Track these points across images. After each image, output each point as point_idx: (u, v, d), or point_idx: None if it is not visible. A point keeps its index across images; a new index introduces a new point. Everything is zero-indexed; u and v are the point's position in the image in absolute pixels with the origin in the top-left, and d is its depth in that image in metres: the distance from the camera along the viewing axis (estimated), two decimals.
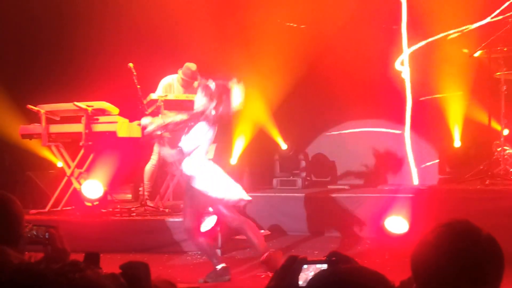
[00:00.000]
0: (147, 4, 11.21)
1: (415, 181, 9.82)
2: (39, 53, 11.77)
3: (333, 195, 10.00)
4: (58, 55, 11.66)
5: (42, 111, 9.53)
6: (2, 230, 2.67)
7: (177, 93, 9.62)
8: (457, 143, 10.43)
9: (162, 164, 9.48)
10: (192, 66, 9.67)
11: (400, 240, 7.99)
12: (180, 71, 9.71)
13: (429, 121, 10.52)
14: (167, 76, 9.74)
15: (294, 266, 2.02)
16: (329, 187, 10.97)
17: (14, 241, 2.62)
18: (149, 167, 9.85)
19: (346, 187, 10.73)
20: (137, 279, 1.88)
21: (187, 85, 9.74)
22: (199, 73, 9.66)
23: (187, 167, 6.90)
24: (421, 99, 10.22)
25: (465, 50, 9.52)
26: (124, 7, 11.46)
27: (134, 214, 9.21)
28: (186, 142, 6.82)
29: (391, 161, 10.79)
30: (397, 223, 8.46)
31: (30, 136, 9.95)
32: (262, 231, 9.83)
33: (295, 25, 10.87)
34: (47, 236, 2.83)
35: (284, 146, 11.52)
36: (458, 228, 2.07)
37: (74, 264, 1.47)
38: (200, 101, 6.84)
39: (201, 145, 6.84)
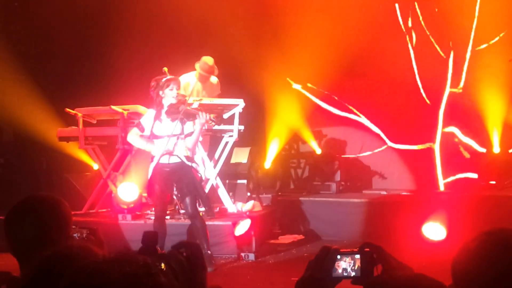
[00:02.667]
0: (180, 8, 11.23)
1: (447, 188, 9.72)
2: (77, 57, 11.88)
3: (368, 200, 9.93)
4: (95, 59, 11.76)
5: (80, 114, 9.62)
6: (52, 231, 2.70)
7: (195, 90, 9.55)
8: (496, 148, 10.29)
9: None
10: (209, 60, 9.64)
11: (438, 246, 7.91)
12: (197, 66, 9.65)
13: (469, 126, 10.38)
14: (183, 75, 9.63)
15: (328, 256, 2.02)
16: (364, 192, 10.89)
17: (63, 242, 2.64)
18: None
19: (382, 192, 10.64)
20: (194, 256, 1.93)
21: (205, 80, 9.71)
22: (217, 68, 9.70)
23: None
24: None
25: None
26: (158, 11, 11.51)
27: (168, 217, 9.21)
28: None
29: (428, 167, 10.67)
30: (435, 230, 8.38)
31: (67, 139, 10.05)
32: (296, 235, 9.81)
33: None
34: (85, 238, 2.86)
35: (318, 150, 11.46)
36: (500, 236, 2.03)
37: (147, 267, 1.47)
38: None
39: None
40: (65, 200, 2.86)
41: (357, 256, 2.04)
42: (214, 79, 9.84)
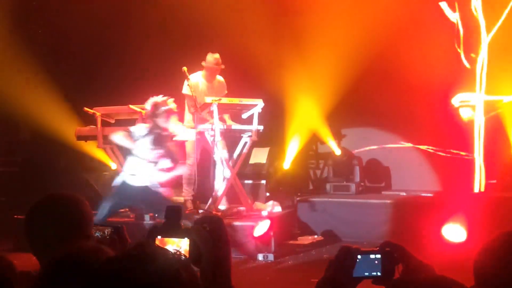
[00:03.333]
0: (199, 7, 11.21)
1: (476, 188, 9.60)
2: (95, 56, 11.91)
3: (388, 201, 9.85)
4: (114, 58, 11.77)
5: (98, 113, 9.63)
6: (72, 230, 2.68)
7: (203, 90, 9.52)
8: None
9: (215, 168, 9.45)
10: (215, 54, 9.63)
11: (458, 248, 7.83)
12: (203, 63, 9.65)
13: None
14: (191, 75, 9.59)
15: (348, 256, 2.00)
16: (383, 193, 10.81)
17: (83, 241, 2.61)
18: (186, 171, 9.71)
19: (401, 193, 10.55)
20: (217, 230, 1.96)
21: (211, 77, 9.67)
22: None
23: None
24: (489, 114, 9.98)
25: None
26: (177, 10, 11.51)
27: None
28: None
29: (450, 167, 10.57)
30: (455, 231, 8.30)
31: (85, 138, 10.08)
32: (315, 236, 9.76)
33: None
34: (108, 237, 2.84)
35: (337, 151, 11.39)
36: None
37: (183, 263, 1.47)
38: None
39: None
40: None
41: (378, 255, 2.01)
42: (220, 78, 9.80)
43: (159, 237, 1.93)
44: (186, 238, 1.88)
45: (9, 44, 11.12)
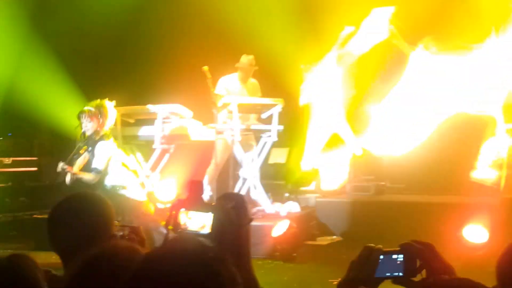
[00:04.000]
0: (220, 6, 11.21)
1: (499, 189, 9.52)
2: (114, 56, 11.93)
3: (408, 201, 9.78)
4: (134, 58, 11.80)
5: (118, 113, 9.62)
6: (96, 229, 2.67)
7: (236, 91, 9.53)
8: None
9: (235, 167, 9.45)
10: (249, 56, 9.68)
11: (479, 249, 7.76)
12: (237, 65, 9.67)
13: None
14: (224, 77, 9.64)
15: (371, 256, 2.00)
16: (404, 193, 10.73)
17: (106, 240, 2.61)
18: (210, 170, 9.77)
19: (423, 193, 10.46)
20: (239, 207, 2.02)
21: (245, 79, 9.68)
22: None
23: None
24: None
25: None
26: (198, 9, 11.51)
27: None
28: None
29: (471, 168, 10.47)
30: (476, 232, 8.21)
31: None
32: (334, 236, 9.71)
33: None
34: (127, 236, 2.84)
35: (358, 150, 11.32)
36: None
37: (220, 259, 1.43)
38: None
39: None
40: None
41: (400, 256, 2.00)
42: (253, 80, 9.82)
43: (183, 209, 1.92)
44: (210, 213, 1.88)
45: (29, 44, 11.18)
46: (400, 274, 2.00)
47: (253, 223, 7.15)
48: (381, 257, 2.00)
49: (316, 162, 11.12)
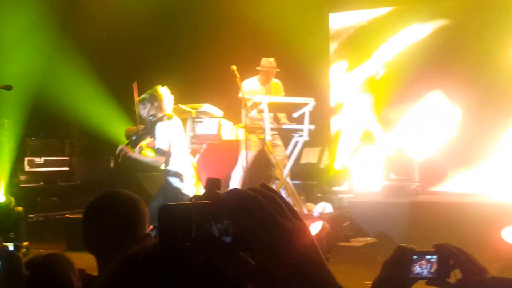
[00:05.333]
0: (250, 7, 11.16)
1: None
2: (144, 56, 11.94)
3: (444, 201, 9.62)
4: (164, 57, 11.78)
5: None
6: (132, 229, 2.63)
7: (257, 93, 9.48)
8: None
9: (266, 168, 9.38)
10: (269, 59, 9.67)
11: None
12: (258, 68, 9.64)
13: None
14: (245, 81, 9.60)
15: (405, 257, 1.97)
16: (440, 193, 10.57)
17: (141, 240, 2.59)
18: (236, 171, 9.73)
19: (459, 194, 10.30)
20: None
21: (266, 81, 9.62)
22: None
23: None
24: None
25: None
26: (228, 10, 11.48)
27: None
28: None
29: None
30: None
31: None
32: (368, 238, 9.58)
33: None
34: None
35: (392, 150, 11.19)
36: None
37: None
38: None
39: None
40: None
41: (434, 256, 1.98)
42: (276, 81, 9.76)
43: None
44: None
45: (60, 44, 11.21)
46: (434, 275, 1.98)
47: None
48: (415, 257, 1.97)
49: (349, 162, 11.02)
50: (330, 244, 8.59)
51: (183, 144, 7.72)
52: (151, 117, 7.58)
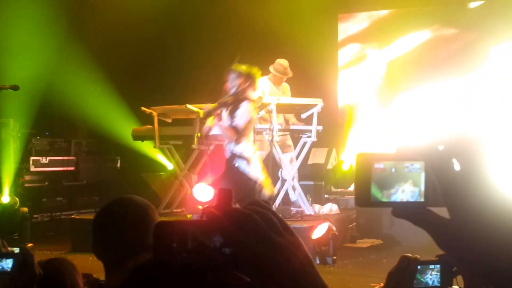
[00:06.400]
0: (258, 8, 11.14)
1: None
2: (153, 55, 11.92)
3: None
4: (172, 58, 11.77)
5: (155, 113, 9.57)
6: (143, 236, 2.56)
7: (269, 93, 9.45)
8: None
9: (274, 168, 9.33)
10: (284, 62, 9.59)
11: None
12: (271, 68, 9.58)
13: None
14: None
15: (408, 267, 2.00)
16: None
17: (151, 249, 2.51)
18: None
19: None
20: None
21: (279, 82, 9.60)
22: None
23: None
24: None
25: None
26: (236, 11, 11.46)
27: None
28: None
29: None
30: None
31: (142, 138, 10.05)
32: (375, 239, 9.54)
33: None
34: None
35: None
36: None
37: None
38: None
39: None
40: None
41: (437, 266, 2.03)
42: (284, 83, 9.74)
43: None
44: None
45: (67, 44, 11.19)
46: (437, 284, 2.03)
47: (292, 225, 7.05)
48: (419, 267, 2.01)
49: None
50: (336, 246, 8.53)
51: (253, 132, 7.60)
52: (238, 93, 7.41)
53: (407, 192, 0.99)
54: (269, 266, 1.00)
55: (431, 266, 2.04)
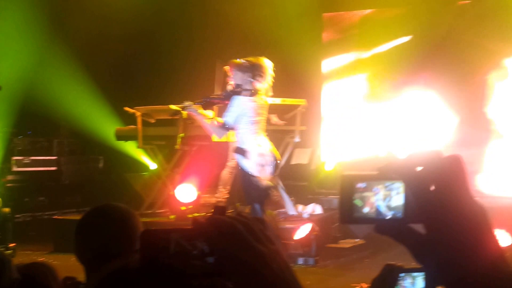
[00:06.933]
0: (242, 8, 11.15)
1: None
2: (136, 55, 11.88)
3: None
4: (155, 58, 11.75)
5: (138, 113, 9.54)
6: (121, 243, 2.62)
7: None
8: None
9: None
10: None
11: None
12: None
13: None
14: None
15: (392, 275, 1.97)
16: None
17: (131, 255, 2.57)
18: (225, 173, 9.62)
19: None
20: None
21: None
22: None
23: None
24: None
25: None
26: (220, 11, 11.47)
27: None
28: None
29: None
30: (500, 237, 8.07)
31: (125, 138, 10.01)
32: (357, 239, 9.56)
33: None
34: None
35: (382, 152, 11.20)
36: None
37: None
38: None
39: None
40: (123, 199, 2.77)
41: (421, 273, 1.97)
42: None
43: None
44: None
45: (49, 43, 11.14)
46: None
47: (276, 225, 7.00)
48: (402, 274, 1.97)
49: (340, 164, 11.01)
50: (319, 246, 8.56)
51: (254, 123, 7.31)
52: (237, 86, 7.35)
53: (387, 209, 1.05)
54: (251, 273, 1.04)
55: (414, 274, 1.98)
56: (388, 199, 1.05)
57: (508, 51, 10.72)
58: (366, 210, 1.05)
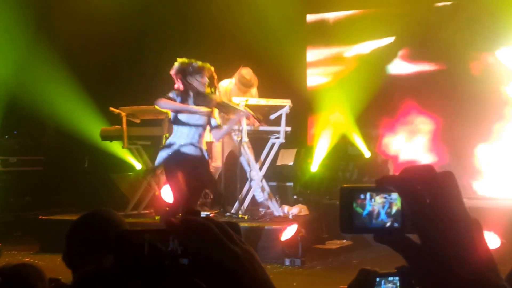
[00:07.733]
0: (228, 9, 11.15)
1: None
2: (122, 55, 11.85)
3: None
4: (141, 58, 11.73)
5: (123, 113, 9.52)
6: (104, 248, 2.63)
7: (233, 92, 9.44)
8: None
9: (242, 169, 9.34)
10: (247, 73, 9.46)
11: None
12: (235, 78, 9.51)
13: None
14: (224, 80, 9.53)
15: (367, 280, 2.01)
16: None
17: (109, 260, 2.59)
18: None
19: None
20: None
21: (244, 92, 9.53)
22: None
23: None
24: None
25: None
26: (205, 12, 11.47)
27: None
28: None
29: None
30: (489, 239, 8.10)
31: (110, 138, 9.99)
32: (344, 240, 9.57)
33: None
34: None
35: (367, 153, 11.21)
36: None
37: None
38: None
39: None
40: (108, 199, 2.81)
41: (396, 278, 2.04)
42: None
43: None
44: None
45: (35, 43, 11.09)
46: None
47: (261, 226, 7.04)
48: (377, 279, 2.02)
49: (325, 164, 11.02)
50: (305, 247, 8.55)
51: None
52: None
53: (385, 219, 1.09)
54: (225, 273, 1.05)
55: (390, 278, 2.03)
56: (386, 207, 1.09)
57: (489, 47, 10.79)
58: (366, 217, 1.09)
